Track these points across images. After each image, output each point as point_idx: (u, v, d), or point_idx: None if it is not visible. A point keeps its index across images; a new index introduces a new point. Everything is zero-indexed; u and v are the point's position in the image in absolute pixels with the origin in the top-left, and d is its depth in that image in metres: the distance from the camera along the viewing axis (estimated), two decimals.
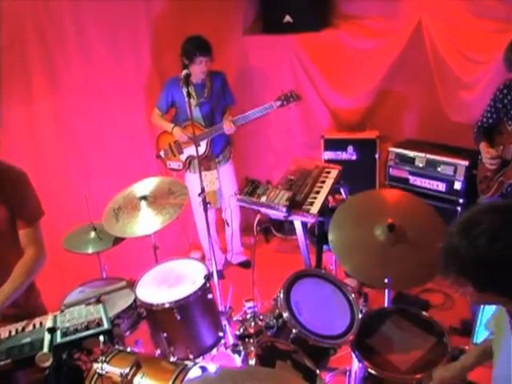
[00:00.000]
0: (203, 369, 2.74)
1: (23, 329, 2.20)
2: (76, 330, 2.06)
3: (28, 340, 2.08)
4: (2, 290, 2.40)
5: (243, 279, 4.09)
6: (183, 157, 4.36)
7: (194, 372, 2.66)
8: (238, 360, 3.29)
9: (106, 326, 2.07)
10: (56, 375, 2.05)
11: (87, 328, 2.07)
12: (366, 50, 4.69)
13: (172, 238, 4.28)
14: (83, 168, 4.29)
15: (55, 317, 2.21)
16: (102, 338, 2.05)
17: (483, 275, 1.51)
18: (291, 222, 4.66)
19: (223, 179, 4.48)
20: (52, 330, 2.06)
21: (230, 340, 3.36)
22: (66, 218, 3.83)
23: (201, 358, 3.10)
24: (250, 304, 3.85)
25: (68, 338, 2.03)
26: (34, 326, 2.21)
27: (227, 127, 4.14)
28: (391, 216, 2.78)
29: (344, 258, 2.76)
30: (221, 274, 4.37)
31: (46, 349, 1.98)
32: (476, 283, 1.55)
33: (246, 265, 4.77)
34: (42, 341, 2.03)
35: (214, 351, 3.21)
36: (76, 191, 4.05)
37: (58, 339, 2.03)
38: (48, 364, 1.93)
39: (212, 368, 2.73)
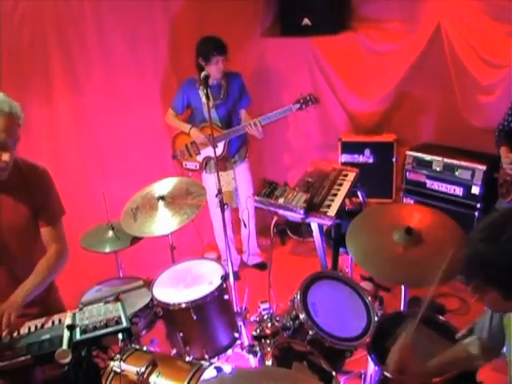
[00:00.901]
0: (218, 369, 2.76)
1: (42, 325, 2.23)
2: (95, 328, 2.08)
3: (47, 336, 2.11)
4: (24, 286, 2.42)
5: (258, 281, 4.10)
6: (200, 157, 4.37)
7: (210, 372, 2.68)
8: (252, 361, 3.31)
9: (124, 324, 2.08)
10: (75, 372, 2.08)
11: (106, 326, 2.08)
12: (384, 53, 4.69)
13: (187, 238, 4.29)
14: (101, 167, 4.32)
15: (74, 314, 2.23)
16: (120, 335, 2.06)
17: None
18: (307, 225, 4.68)
19: (239, 179, 4.50)
20: (71, 328, 2.08)
21: (246, 341, 3.36)
22: (83, 217, 3.85)
23: (216, 358, 3.10)
24: (266, 305, 3.85)
25: (87, 336, 2.05)
26: (53, 322, 2.24)
27: (253, 129, 4.16)
28: (409, 221, 2.77)
29: (363, 259, 2.74)
30: (236, 275, 4.38)
31: (65, 345, 2.00)
32: (504, 290, 1.52)
33: (261, 266, 4.79)
34: (61, 337, 2.06)
35: (230, 352, 3.21)
36: (94, 190, 4.10)
37: (78, 336, 2.05)
38: (67, 360, 1.95)
39: (227, 368, 2.76)
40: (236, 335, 3.22)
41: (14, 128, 2.27)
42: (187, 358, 2.95)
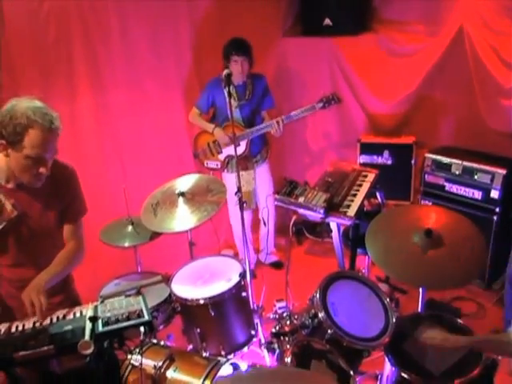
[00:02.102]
0: (235, 365, 2.78)
1: (64, 317, 2.25)
2: (117, 320, 2.10)
3: (69, 327, 2.13)
4: (47, 271, 2.47)
5: (274, 279, 4.12)
6: (222, 156, 4.40)
7: (226, 368, 2.70)
8: (268, 359, 3.33)
9: (146, 317, 2.10)
10: (96, 363, 2.10)
11: (128, 319, 2.11)
12: (405, 55, 4.67)
13: (204, 235, 4.32)
14: (121, 164, 4.36)
15: (96, 306, 2.25)
16: (142, 329, 2.08)
17: None
18: (324, 225, 4.69)
19: (260, 179, 4.51)
20: (94, 319, 2.11)
21: (262, 339, 3.37)
22: (103, 212, 3.88)
23: (232, 354, 3.11)
24: (282, 304, 3.86)
25: (109, 328, 2.07)
26: (75, 314, 2.27)
27: (275, 129, 4.18)
28: (428, 223, 2.78)
29: (382, 260, 2.74)
30: (252, 274, 4.40)
31: (87, 337, 2.02)
32: None
33: (277, 265, 4.81)
34: (84, 329, 2.08)
35: (246, 349, 3.23)
36: (114, 186, 4.12)
37: (100, 328, 2.07)
38: (89, 351, 1.97)
39: (243, 365, 2.78)
40: (252, 332, 3.23)
41: (53, 142, 2.29)
42: (204, 354, 2.97)
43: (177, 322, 3.27)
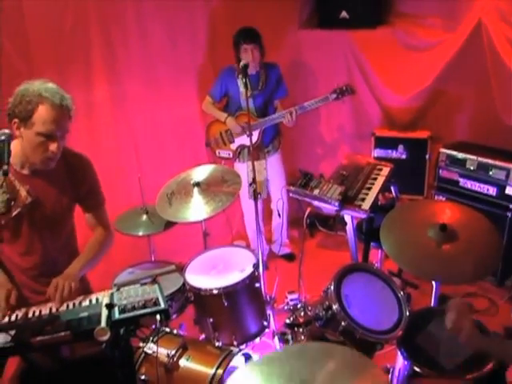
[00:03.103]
0: (246, 356, 2.79)
1: (80, 303, 2.27)
2: (133, 308, 2.11)
3: (85, 314, 2.15)
4: (79, 260, 2.53)
5: (285, 271, 4.12)
6: (234, 146, 4.40)
7: (238, 359, 2.71)
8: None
9: (163, 305, 2.11)
10: (112, 350, 2.12)
11: (144, 306, 2.12)
12: (422, 49, 4.65)
13: (216, 226, 4.33)
14: (136, 152, 4.38)
15: (112, 294, 2.27)
16: (158, 317, 2.09)
17: None
18: (337, 218, 4.68)
19: (271, 169, 4.51)
20: (110, 306, 2.12)
21: (273, 330, 3.39)
22: (117, 201, 3.89)
23: (244, 345, 3.12)
24: (293, 296, 3.88)
25: (126, 315, 2.08)
26: (90, 301, 2.28)
27: (288, 119, 4.17)
28: (443, 218, 2.77)
29: (397, 254, 2.74)
30: (265, 265, 4.41)
31: (103, 323, 2.03)
32: None
33: (289, 257, 4.82)
34: (100, 316, 2.10)
35: (257, 340, 3.23)
36: (128, 175, 4.15)
37: (116, 315, 2.08)
38: (106, 338, 1.99)
39: (255, 356, 2.79)
40: (265, 323, 3.24)
41: (64, 120, 2.32)
42: (216, 344, 2.98)
43: (189, 311, 3.28)
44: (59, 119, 2.29)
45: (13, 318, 2.20)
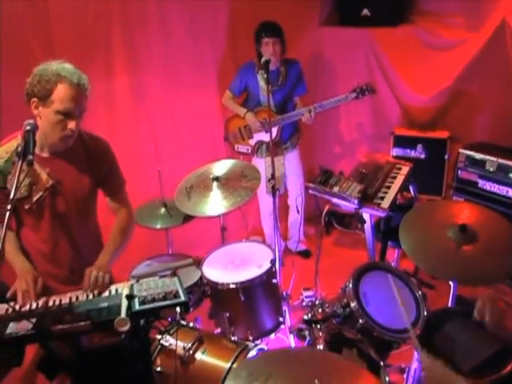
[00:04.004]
0: (261, 351, 2.79)
1: (99, 293, 2.29)
2: (154, 300, 2.12)
3: (105, 305, 2.16)
4: (107, 249, 2.56)
5: (301, 268, 4.12)
6: (252, 141, 4.40)
7: (253, 354, 2.71)
8: (293, 346, 3.34)
9: (183, 298, 2.12)
10: (131, 341, 2.13)
11: (165, 298, 2.12)
12: (443, 48, 4.62)
13: (232, 221, 4.33)
14: (154, 144, 4.40)
15: (132, 285, 2.27)
16: (178, 309, 2.10)
17: None
18: (355, 216, 4.67)
19: (289, 166, 4.51)
20: (130, 298, 2.13)
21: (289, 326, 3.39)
22: (135, 193, 3.91)
23: (259, 340, 3.13)
24: (309, 293, 3.88)
25: (146, 307, 2.09)
26: (110, 292, 2.30)
27: (307, 116, 4.16)
28: (463, 219, 2.75)
29: (415, 253, 2.72)
30: (281, 262, 4.41)
31: (123, 314, 2.04)
32: None
33: (305, 254, 4.81)
34: (120, 306, 2.10)
35: (272, 335, 3.24)
36: (146, 167, 4.16)
37: (136, 306, 2.09)
38: (126, 329, 2.00)
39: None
40: (280, 319, 3.24)
41: (81, 99, 2.35)
42: (232, 338, 2.99)
43: (205, 305, 3.30)
44: (77, 97, 2.32)
45: (33, 306, 2.22)
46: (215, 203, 3.30)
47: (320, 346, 2.42)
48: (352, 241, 4.97)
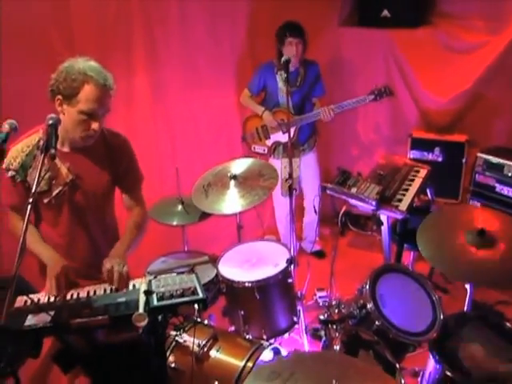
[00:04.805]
0: (275, 350, 2.79)
1: (117, 289, 2.29)
2: (172, 296, 2.12)
3: (123, 300, 2.17)
4: (123, 242, 2.57)
5: (315, 268, 4.11)
6: (269, 142, 4.40)
7: (267, 353, 2.71)
8: (307, 346, 3.34)
9: (201, 295, 2.12)
10: (148, 337, 2.14)
11: (183, 295, 2.13)
12: (463, 51, 4.58)
13: (247, 220, 4.33)
14: (172, 142, 4.41)
15: (150, 281, 2.27)
16: (196, 306, 2.11)
17: None
18: (372, 217, 4.65)
19: (306, 168, 4.50)
20: (148, 293, 2.14)
21: (303, 326, 3.39)
22: (152, 189, 3.93)
23: (273, 339, 3.13)
24: (322, 293, 3.88)
25: (164, 302, 2.10)
26: (127, 287, 2.30)
27: (326, 114, 4.15)
28: (481, 223, 2.74)
29: (432, 255, 2.71)
30: (295, 261, 4.41)
31: (141, 310, 2.04)
32: None
33: (319, 254, 4.81)
34: (137, 302, 2.11)
35: (286, 335, 3.24)
36: (163, 164, 4.17)
37: (155, 302, 2.09)
38: (143, 324, 2.00)
39: (284, 352, 2.79)
40: (295, 319, 3.24)
41: (106, 99, 2.35)
42: (246, 336, 2.99)
43: (219, 303, 3.31)
44: (102, 98, 2.32)
45: (51, 299, 2.23)
46: (232, 201, 3.31)
47: (336, 347, 2.42)
48: (367, 242, 4.95)
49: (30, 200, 1.97)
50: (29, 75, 3.38)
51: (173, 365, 2.68)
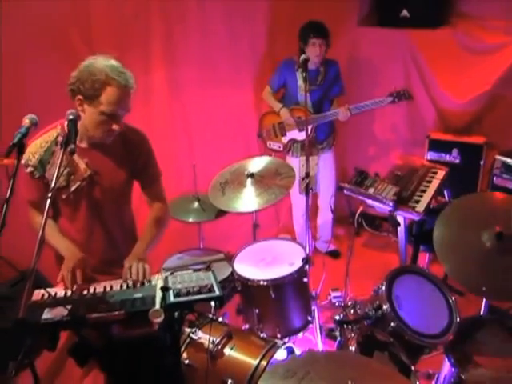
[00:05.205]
0: (289, 349, 2.79)
1: (134, 285, 2.29)
2: (188, 293, 2.13)
3: (139, 295, 2.17)
4: (143, 239, 2.58)
5: (328, 268, 4.10)
6: (285, 139, 4.40)
7: (281, 352, 2.71)
8: (321, 345, 3.34)
9: (217, 292, 2.13)
10: (164, 333, 2.15)
11: (199, 292, 2.13)
12: (483, 52, 4.54)
13: (263, 218, 4.33)
14: (188, 139, 4.43)
15: (166, 278, 2.28)
16: (213, 303, 2.11)
17: None
18: (382, 218, 4.64)
19: (323, 166, 4.49)
20: (165, 289, 2.14)
21: (317, 325, 3.38)
22: (169, 186, 3.94)
23: (287, 338, 3.12)
24: (337, 293, 3.87)
25: (181, 299, 2.10)
26: (143, 283, 2.30)
27: (343, 114, 4.14)
28: (500, 223, 2.67)
29: (446, 258, 2.68)
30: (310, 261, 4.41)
31: (157, 306, 2.05)
32: None
33: (334, 254, 4.80)
34: (154, 298, 2.12)
35: (300, 334, 3.23)
36: (180, 161, 4.18)
37: (171, 299, 2.10)
38: (160, 320, 2.01)
39: (297, 351, 2.79)
40: (309, 318, 3.23)
41: (127, 100, 2.35)
42: (260, 335, 2.99)
43: (234, 301, 3.31)
44: (124, 99, 2.32)
45: (68, 293, 2.24)
46: (249, 200, 3.31)
47: (352, 347, 2.42)
48: (381, 243, 4.94)
49: (50, 194, 1.98)
50: (47, 72, 3.42)
51: (186, 361, 2.68)
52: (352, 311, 2.71)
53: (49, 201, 1.98)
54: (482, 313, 3.05)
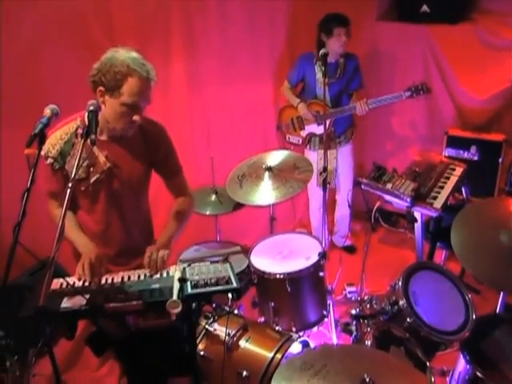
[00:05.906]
0: (304, 343, 2.80)
1: (151, 275, 2.31)
2: (206, 284, 2.14)
3: (157, 286, 2.19)
4: (167, 229, 2.60)
5: (344, 263, 4.10)
6: (304, 133, 4.40)
7: (296, 345, 2.72)
8: (335, 340, 3.34)
9: (235, 284, 2.14)
10: (182, 324, 2.16)
11: (217, 284, 2.15)
12: (503, 49, 4.48)
13: (280, 212, 4.34)
14: (207, 132, 4.44)
15: (184, 269, 2.30)
16: (230, 295, 2.12)
17: None
18: (398, 214, 4.62)
19: (341, 160, 4.48)
20: (183, 281, 2.16)
21: (332, 320, 3.39)
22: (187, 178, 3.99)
23: (302, 332, 3.13)
24: (352, 288, 3.87)
25: (198, 290, 2.12)
26: (161, 274, 2.32)
27: (361, 108, 4.13)
28: None
29: (464, 255, 2.68)
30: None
31: (175, 296, 2.06)
32: None
33: (350, 249, 4.79)
34: (171, 289, 2.13)
35: (315, 328, 3.24)
36: (198, 154, 4.19)
37: (189, 290, 2.12)
38: (177, 311, 2.02)
39: (312, 344, 2.80)
40: (324, 313, 3.23)
41: (148, 91, 2.36)
42: (276, 328, 3.00)
43: (249, 293, 3.31)
44: (145, 91, 2.33)
45: (86, 283, 2.26)
46: (266, 193, 3.31)
47: (368, 342, 2.42)
48: (398, 239, 4.92)
49: (70, 184, 2.00)
50: (69, 64, 3.44)
51: (202, 353, 2.71)
52: (368, 306, 2.70)
53: (69, 191, 1.99)
54: (498, 311, 3.02)
